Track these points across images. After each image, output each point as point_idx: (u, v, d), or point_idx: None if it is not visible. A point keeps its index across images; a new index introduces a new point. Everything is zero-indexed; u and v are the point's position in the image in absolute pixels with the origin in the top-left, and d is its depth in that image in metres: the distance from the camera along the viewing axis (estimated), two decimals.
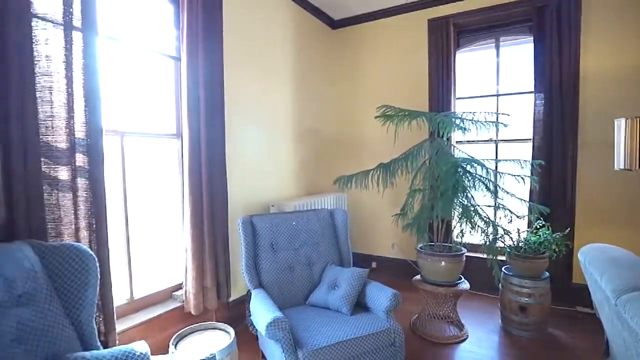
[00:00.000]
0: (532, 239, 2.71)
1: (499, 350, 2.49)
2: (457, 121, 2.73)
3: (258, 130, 3.13)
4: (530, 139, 3.28)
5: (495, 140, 3.57)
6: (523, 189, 2.91)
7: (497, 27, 3.51)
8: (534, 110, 3.22)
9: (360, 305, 2.20)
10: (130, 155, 2.20)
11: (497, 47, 3.57)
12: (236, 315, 2.74)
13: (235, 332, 2.05)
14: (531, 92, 3.27)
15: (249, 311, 2.19)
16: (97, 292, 1.40)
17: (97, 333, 1.43)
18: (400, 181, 2.87)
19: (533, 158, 3.20)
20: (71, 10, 1.58)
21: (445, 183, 2.52)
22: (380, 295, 2.08)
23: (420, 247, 2.76)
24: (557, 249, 2.64)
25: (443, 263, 2.60)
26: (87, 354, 1.19)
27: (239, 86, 2.86)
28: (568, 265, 3.07)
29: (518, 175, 2.65)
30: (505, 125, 2.75)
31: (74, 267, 1.32)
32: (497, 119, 2.74)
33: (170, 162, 2.51)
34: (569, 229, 2.78)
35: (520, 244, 2.73)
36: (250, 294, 2.22)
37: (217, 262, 2.49)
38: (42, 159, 1.52)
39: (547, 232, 2.70)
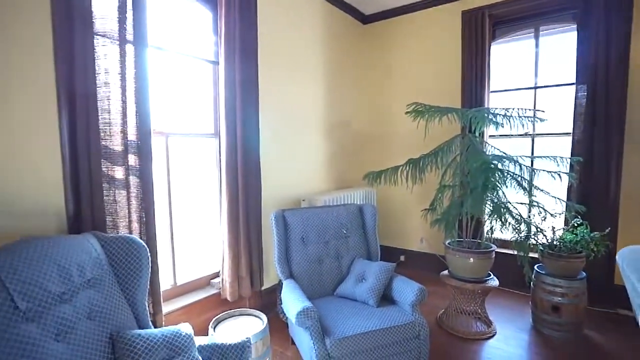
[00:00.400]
0: (568, 237, 2.64)
1: (528, 349, 2.47)
2: (490, 116, 2.69)
3: (289, 126, 3.25)
4: (569, 133, 3.15)
5: (531, 134, 3.46)
6: (560, 186, 2.82)
7: (538, 15, 3.36)
8: (575, 102, 3.08)
9: (386, 298, 2.28)
10: (174, 153, 2.40)
11: (537, 37, 3.43)
12: (268, 302, 2.91)
13: (267, 318, 2.21)
14: (572, 83, 3.12)
15: (280, 300, 2.34)
16: (149, 278, 1.59)
17: (148, 314, 1.63)
18: (430, 176, 2.88)
19: (572, 153, 3.08)
20: (125, 26, 1.76)
21: (475, 180, 2.51)
22: (407, 289, 2.15)
23: (449, 243, 2.78)
24: (595, 249, 2.55)
25: (471, 259, 2.61)
26: (142, 332, 1.37)
27: (271, 84, 2.98)
28: (609, 266, 2.95)
29: (555, 172, 2.58)
30: (542, 120, 2.68)
31: (131, 257, 1.52)
32: (534, 114, 2.66)
33: (209, 160, 2.70)
34: (609, 228, 2.67)
35: (555, 242, 2.67)
36: (282, 283, 2.37)
37: (251, 253, 2.66)
38: (102, 160, 1.73)
39: (585, 231, 2.62)
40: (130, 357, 1.27)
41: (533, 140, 3.48)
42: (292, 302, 1.99)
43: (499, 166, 2.57)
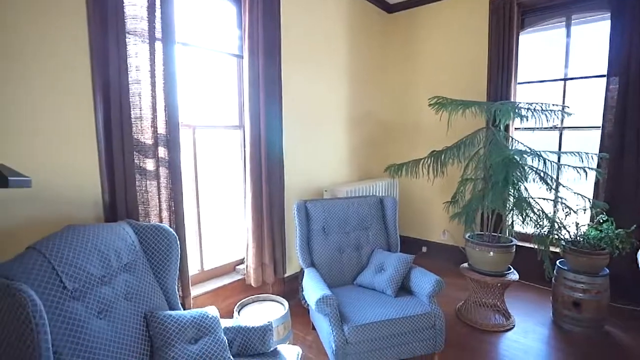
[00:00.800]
0: (592, 233, 2.59)
1: (546, 343, 2.47)
2: (515, 110, 2.64)
3: (313, 118, 3.28)
4: (599, 127, 3.04)
5: (559, 128, 3.36)
6: (586, 182, 2.74)
7: (570, 3, 3.21)
8: (606, 95, 2.96)
9: (404, 288, 2.33)
10: (201, 145, 2.50)
11: (568, 26, 3.29)
12: (289, 289, 3.02)
13: (289, 304, 2.30)
14: (604, 75, 3.00)
15: (302, 287, 2.43)
16: (178, 264, 1.70)
17: (178, 297, 1.74)
18: (453, 169, 2.87)
19: (602, 147, 2.98)
20: (154, 24, 1.85)
21: (497, 175, 2.49)
22: (424, 280, 2.20)
23: (469, 236, 2.78)
24: (620, 246, 2.50)
25: (491, 253, 2.60)
26: (172, 312, 1.49)
27: (294, 76, 3.01)
28: (635, 263, 2.87)
29: (581, 168, 2.52)
30: (569, 115, 2.61)
31: (161, 243, 1.63)
32: (562, 109, 2.59)
33: (233, 151, 2.79)
34: (635, 225, 2.59)
35: (578, 238, 2.62)
36: (303, 271, 2.46)
37: (274, 242, 2.76)
38: (134, 153, 1.84)
39: (610, 228, 2.56)
40: (163, 335, 1.39)
41: (561, 134, 3.38)
42: (313, 289, 2.07)
43: (522, 162, 2.53)
